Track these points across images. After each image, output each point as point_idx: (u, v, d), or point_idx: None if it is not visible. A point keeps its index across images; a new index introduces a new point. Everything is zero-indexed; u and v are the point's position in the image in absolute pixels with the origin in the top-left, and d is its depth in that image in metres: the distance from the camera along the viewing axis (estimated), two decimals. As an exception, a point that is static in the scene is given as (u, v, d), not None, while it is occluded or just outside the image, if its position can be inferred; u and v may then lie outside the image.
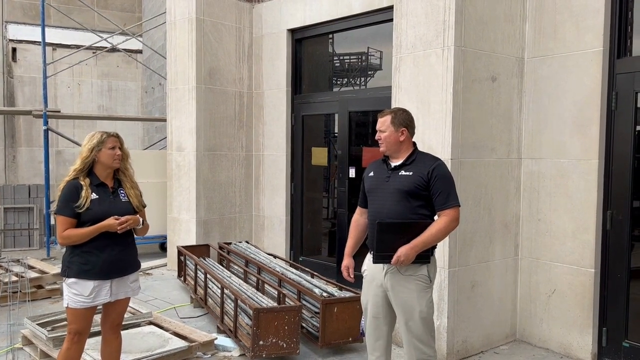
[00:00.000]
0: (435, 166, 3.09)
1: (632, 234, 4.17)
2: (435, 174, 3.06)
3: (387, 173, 3.16)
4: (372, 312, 3.23)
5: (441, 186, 3.05)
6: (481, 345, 4.51)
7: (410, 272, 3.07)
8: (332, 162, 6.86)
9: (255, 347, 4.08)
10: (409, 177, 3.08)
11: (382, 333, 3.24)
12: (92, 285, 3.12)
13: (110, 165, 3.22)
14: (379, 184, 3.18)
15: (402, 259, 2.96)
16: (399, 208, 3.06)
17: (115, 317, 3.36)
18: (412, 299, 3.07)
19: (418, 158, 3.15)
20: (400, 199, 3.06)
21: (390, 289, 3.11)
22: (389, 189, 3.11)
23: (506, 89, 4.54)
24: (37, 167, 12.55)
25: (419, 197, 3.06)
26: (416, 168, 3.09)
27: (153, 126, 12.87)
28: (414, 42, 4.40)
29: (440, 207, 3.06)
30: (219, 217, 7.13)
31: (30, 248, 8.99)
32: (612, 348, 4.26)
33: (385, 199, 3.11)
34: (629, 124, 4.15)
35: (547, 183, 4.52)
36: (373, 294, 3.21)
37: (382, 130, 3.17)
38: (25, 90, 13.09)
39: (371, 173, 3.27)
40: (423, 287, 3.09)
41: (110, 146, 3.20)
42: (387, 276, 3.11)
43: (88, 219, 3.11)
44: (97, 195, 3.16)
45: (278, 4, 6.98)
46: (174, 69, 7.13)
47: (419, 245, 2.98)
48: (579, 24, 4.29)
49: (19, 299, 5.70)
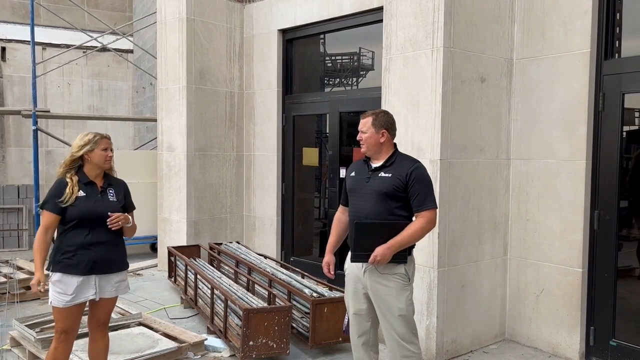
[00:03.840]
0: (413, 168, 3.14)
1: (619, 233, 4.22)
2: (413, 176, 3.11)
3: (368, 174, 3.23)
4: (353, 308, 3.32)
5: (419, 188, 3.11)
6: (470, 344, 4.54)
7: (387, 271, 3.13)
8: (323, 163, 6.87)
9: (245, 347, 4.08)
10: (387, 178, 3.14)
11: (365, 329, 3.31)
12: (75, 283, 3.15)
13: (102, 166, 3.30)
14: (359, 184, 3.25)
15: (379, 258, 3.02)
16: (378, 209, 3.12)
17: (101, 315, 3.36)
18: (391, 297, 3.13)
19: (397, 160, 3.21)
20: (379, 200, 3.12)
21: (370, 287, 3.19)
22: (368, 189, 3.18)
23: (495, 90, 4.57)
24: (26, 167, 12.45)
25: (397, 199, 3.12)
26: (395, 170, 3.15)
27: (144, 126, 12.82)
28: (403, 43, 4.42)
29: (418, 209, 3.12)
30: (210, 217, 7.12)
31: (19, 249, 8.92)
32: (599, 347, 4.30)
33: (365, 199, 3.18)
34: (616, 125, 4.19)
35: (536, 183, 4.56)
36: (353, 291, 3.29)
37: (363, 132, 3.23)
38: (15, 90, 12.98)
39: (352, 173, 3.34)
40: (402, 285, 3.15)
41: (103, 147, 3.28)
42: (365, 274, 3.19)
43: (73, 216, 3.16)
44: (85, 193, 3.21)
45: (269, 4, 6.98)
46: (164, 69, 7.11)
47: (395, 246, 3.04)
48: (567, 25, 4.33)
49: (8, 300, 5.66)
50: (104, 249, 3.21)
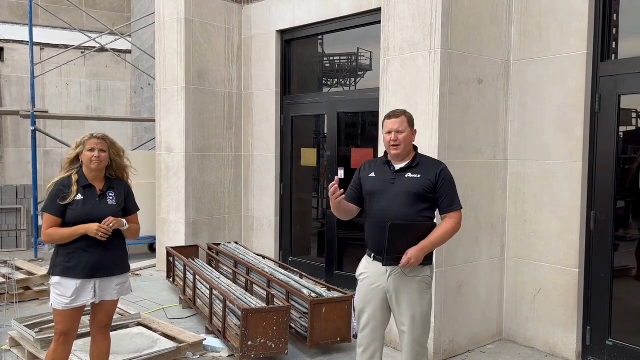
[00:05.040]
0: (442, 169, 3.10)
1: (615, 234, 4.24)
2: (442, 177, 3.06)
3: (392, 175, 3.11)
4: (370, 315, 3.16)
5: (447, 189, 3.07)
6: (468, 344, 4.56)
7: (414, 274, 3.05)
8: (321, 163, 6.89)
9: (244, 347, 4.09)
10: (417, 179, 3.05)
11: (378, 336, 3.20)
12: (74, 286, 3.13)
13: (88, 166, 3.22)
14: (383, 185, 3.12)
15: (413, 260, 2.93)
16: (407, 210, 3.02)
17: (102, 318, 3.35)
18: (414, 300, 3.06)
19: (422, 161, 3.14)
20: (409, 202, 3.03)
21: (394, 291, 3.07)
22: (395, 191, 3.06)
23: (492, 91, 4.60)
24: (24, 167, 12.45)
25: (425, 200, 3.05)
26: (422, 171, 3.07)
27: (142, 126, 12.82)
28: (401, 45, 4.44)
29: (447, 210, 3.07)
30: (208, 217, 7.13)
31: (17, 249, 8.92)
32: (596, 346, 4.33)
33: (392, 201, 3.05)
34: (612, 126, 4.21)
35: (533, 184, 4.58)
36: (372, 298, 3.14)
37: (400, 131, 3.08)
38: (13, 90, 12.98)
39: (372, 174, 3.20)
40: (425, 288, 3.10)
41: (89, 148, 3.19)
42: (390, 279, 3.06)
43: (71, 219, 3.14)
44: (82, 197, 3.17)
45: (267, 5, 6.99)
46: (162, 70, 7.12)
47: (427, 247, 2.98)
48: (563, 27, 4.36)
49: (7, 300, 5.67)
50: (103, 251, 3.18)
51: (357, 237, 6.54)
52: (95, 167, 3.21)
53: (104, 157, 3.23)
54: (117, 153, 3.34)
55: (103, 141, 3.24)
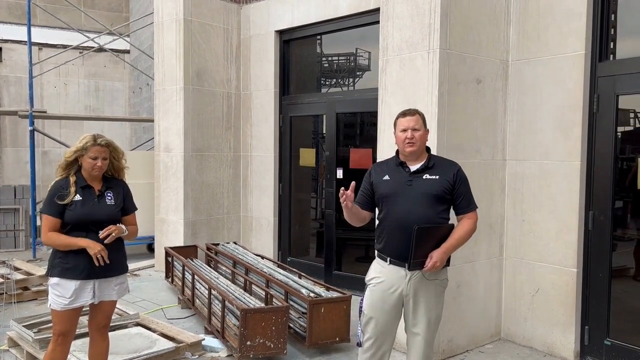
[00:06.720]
0: (458, 169, 3.08)
1: (613, 234, 4.25)
2: (459, 178, 3.05)
3: (408, 177, 3.03)
4: (383, 321, 3.06)
5: (464, 189, 3.06)
6: (467, 344, 4.57)
7: (434, 277, 3.01)
8: (320, 163, 6.89)
9: (243, 347, 4.09)
10: (435, 180, 2.99)
11: (389, 341, 3.12)
12: (73, 286, 3.13)
13: (89, 173, 3.22)
14: (399, 188, 3.02)
15: (438, 263, 2.89)
16: (428, 212, 2.95)
17: (101, 318, 3.35)
18: (431, 304, 3.04)
19: (437, 161, 3.10)
20: (429, 203, 2.96)
21: (412, 295, 3.00)
22: (413, 193, 2.98)
23: (491, 91, 4.61)
24: (23, 167, 12.43)
25: (444, 201, 3.02)
26: (439, 172, 3.03)
27: (141, 126, 12.82)
28: (400, 45, 4.45)
29: (464, 210, 3.06)
30: (207, 218, 7.13)
31: (16, 249, 8.91)
32: (594, 346, 4.34)
33: (411, 203, 2.96)
34: (610, 126, 4.22)
35: (531, 184, 4.59)
36: (387, 303, 3.03)
37: (416, 129, 3.01)
38: (11, 90, 12.96)
39: (386, 177, 3.09)
40: (441, 291, 3.09)
41: (92, 155, 3.17)
42: (410, 282, 2.98)
43: (70, 220, 3.13)
44: (81, 197, 3.16)
45: (266, 6, 7.00)
46: (161, 70, 7.11)
47: (450, 249, 2.96)
48: (561, 27, 4.36)
49: (5, 300, 5.66)
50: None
51: (356, 237, 6.56)
52: (96, 174, 3.23)
53: (105, 164, 3.24)
54: (117, 157, 3.32)
55: (106, 148, 3.23)
